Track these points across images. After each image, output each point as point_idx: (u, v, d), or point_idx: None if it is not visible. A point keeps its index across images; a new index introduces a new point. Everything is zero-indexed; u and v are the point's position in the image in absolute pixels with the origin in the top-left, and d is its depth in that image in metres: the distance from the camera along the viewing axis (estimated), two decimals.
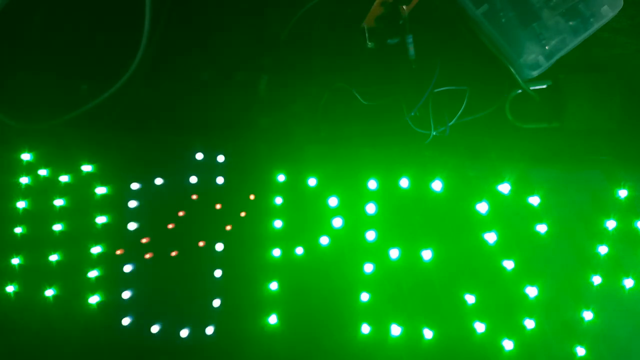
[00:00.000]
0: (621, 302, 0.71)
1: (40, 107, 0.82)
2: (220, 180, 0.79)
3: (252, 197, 0.78)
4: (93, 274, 0.78)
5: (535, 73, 0.71)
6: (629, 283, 0.70)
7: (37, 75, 0.84)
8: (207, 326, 0.75)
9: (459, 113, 0.73)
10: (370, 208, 0.76)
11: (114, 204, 0.79)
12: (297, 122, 0.79)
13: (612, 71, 0.75)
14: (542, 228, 0.73)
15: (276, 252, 0.76)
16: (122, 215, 0.79)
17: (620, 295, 0.71)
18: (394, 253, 0.75)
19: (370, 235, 0.75)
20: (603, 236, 0.72)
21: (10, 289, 0.77)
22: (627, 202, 0.73)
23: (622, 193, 0.72)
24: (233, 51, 0.81)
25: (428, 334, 0.72)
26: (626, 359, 0.70)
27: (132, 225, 0.79)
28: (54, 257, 0.78)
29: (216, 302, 0.76)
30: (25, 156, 0.79)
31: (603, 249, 0.71)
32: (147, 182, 0.79)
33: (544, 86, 0.74)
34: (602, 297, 0.71)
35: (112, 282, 0.77)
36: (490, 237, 0.73)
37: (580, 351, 0.70)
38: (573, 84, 0.74)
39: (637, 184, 0.72)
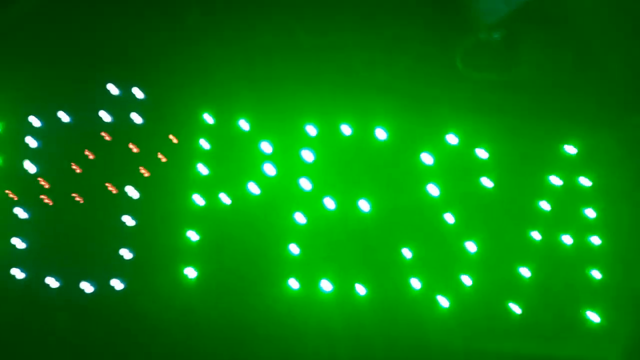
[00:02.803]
0: (559, 259, 0.71)
1: None
2: (136, 118, 0.74)
3: (173, 139, 0.73)
4: None
5: (492, 19, 0.70)
6: (567, 240, 0.71)
7: None
8: (114, 280, 0.71)
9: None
10: (307, 155, 0.73)
11: (9, 141, 0.74)
12: (229, 54, 0.74)
13: (567, 25, 0.75)
14: (486, 181, 0.72)
15: (198, 200, 0.72)
16: (17, 154, 0.73)
17: (558, 252, 0.71)
18: (329, 203, 0.72)
19: (305, 184, 0.72)
20: (546, 191, 0.72)
21: None
22: (572, 158, 0.73)
23: (568, 149, 0.73)
24: None
25: (361, 290, 0.70)
26: (561, 316, 0.71)
27: (29, 166, 0.73)
28: None
29: (126, 254, 0.71)
30: None
31: (545, 205, 0.72)
32: (49, 117, 0.74)
33: (497, 36, 0.74)
34: (540, 253, 0.71)
35: (3, 229, 0.72)
36: (433, 190, 0.72)
37: (516, 308, 0.69)
38: (527, 35, 0.74)
39: (583, 140, 0.73)
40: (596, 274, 0.71)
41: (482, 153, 0.73)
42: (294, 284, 0.71)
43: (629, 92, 0.76)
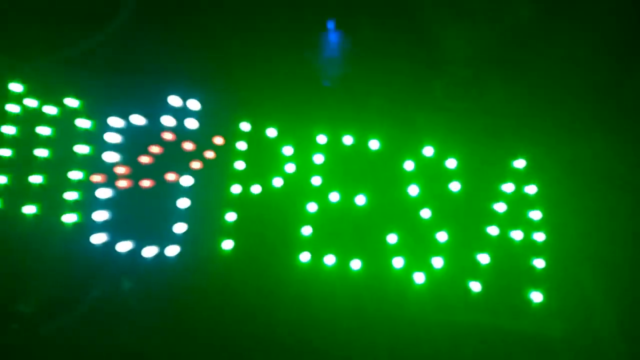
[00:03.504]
0: (510, 249, 0.77)
1: (32, 46, 0.86)
2: (193, 123, 0.82)
3: (220, 141, 0.81)
4: (71, 196, 0.79)
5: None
6: (517, 234, 0.77)
7: (31, 17, 0.87)
8: (171, 247, 0.78)
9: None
10: (318, 158, 0.80)
11: (95, 136, 0.81)
12: (262, 80, 0.84)
13: (521, 65, 0.84)
14: (454, 186, 0.79)
15: (235, 189, 0.79)
16: (101, 146, 0.81)
17: (509, 243, 0.77)
18: (334, 197, 0.79)
19: (316, 181, 0.79)
20: (500, 196, 0.79)
21: None
22: (521, 171, 0.79)
23: (518, 163, 0.79)
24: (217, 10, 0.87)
25: (356, 265, 0.77)
26: (511, 296, 0.76)
27: (109, 156, 0.80)
28: (35, 179, 0.79)
29: (180, 228, 0.78)
30: (16, 87, 0.81)
31: (499, 207, 0.78)
32: (127, 119, 0.81)
33: (467, 73, 0.83)
34: (496, 244, 0.77)
35: (87, 205, 0.79)
36: (413, 190, 0.79)
37: (475, 287, 0.76)
38: (490, 73, 0.83)
39: (531, 157, 0.79)
40: (539, 263, 0.76)
41: (451, 163, 0.80)
42: (305, 257, 0.77)
43: (565, 121, 0.83)
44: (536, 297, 0.76)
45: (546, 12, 0.84)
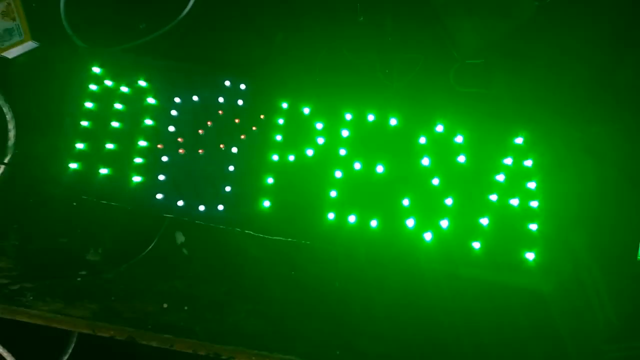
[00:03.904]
0: (509, 214, 0.82)
1: (108, 36, 0.97)
2: (240, 102, 0.88)
3: (262, 116, 0.87)
4: (138, 160, 0.87)
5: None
6: (515, 202, 0.82)
7: (107, 11, 0.99)
8: (219, 205, 0.85)
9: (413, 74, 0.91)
10: (345, 132, 0.85)
11: (159, 112, 0.88)
12: (299, 67, 0.93)
13: (527, 55, 0.90)
14: (461, 158, 0.84)
15: (274, 157, 0.86)
16: (164, 120, 0.88)
17: (508, 210, 0.82)
18: (357, 165, 0.84)
19: (342, 152, 0.85)
20: (501, 168, 0.84)
21: (73, 165, 0.86)
22: (520, 147, 0.84)
23: (518, 140, 0.84)
24: (262, 9, 0.96)
25: (374, 223, 0.82)
26: (508, 255, 0.81)
27: (171, 128, 0.87)
28: (109, 146, 0.87)
29: (227, 188, 0.85)
30: (96, 69, 0.89)
31: (500, 177, 0.83)
32: (186, 98, 0.89)
33: (478, 62, 0.90)
34: (496, 209, 0.82)
35: (152, 168, 0.86)
36: (425, 161, 0.84)
37: (477, 245, 0.81)
38: (501, 62, 0.89)
39: (529, 133, 0.84)
40: (533, 227, 0.82)
41: (459, 139, 0.84)
42: (331, 216, 0.83)
43: (560, 104, 0.89)
44: (530, 256, 0.81)
45: (546, 9, 0.91)
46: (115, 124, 0.89)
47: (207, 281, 0.89)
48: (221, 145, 0.88)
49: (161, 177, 0.86)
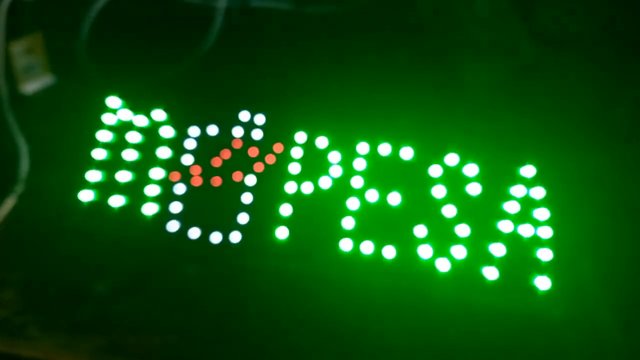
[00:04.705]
0: (519, 244, 0.83)
1: (129, 70, 1.00)
2: (258, 134, 0.90)
3: (279, 147, 0.89)
4: (151, 191, 0.87)
5: None
6: (526, 230, 0.84)
7: (125, 44, 1.04)
8: (233, 236, 0.85)
9: None
10: (360, 164, 0.88)
11: (175, 142, 0.90)
12: (314, 103, 0.98)
13: (532, 92, 0.96)
14: (472, 189, 0.86)
15: (290, 187, 0.87)
16: (180, 150, 0.89)
17: (518, 240, 0.83)
18: (372, 195, 0.85)
19: (357, 182, 0.86)
20: (512, 198, 0.86)
21: (87, 197, 0.87)
22: (529, 179, 0.87)
23: (527, 171, 0.86)
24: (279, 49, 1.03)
25: (389, 252, 0.82)
26: (520, 282, 0.82)
27: (186, 159, 0.88)
28: (125, 177, 0.88)
29: (242, 220, 0.85)
30: (114, 101, 0.92)
31: (511, 206, 0.85)
32: (203, 129, 0.91)
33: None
34: (508, 239, 0.83)
35: (165, 198, 0.86)
36: (438, 191, 0.86)
37: (490, 275, 0.81)
38: (504, 99, 0.97)
39: (538, 166, 0.87)
40: (545, 256, 0.82)
41: (470, 170, 0.87)
42: (346, 245, 0.83)
43: (565, 137, 0.94)
44: (541, 284, 0.81)
45: (547, 53, 0.98)
46: (130, 155, 0.89)
47: (218, 315, 0.85)
48: (238, 176, 0.88)
49: (174, 208, 0.87)
